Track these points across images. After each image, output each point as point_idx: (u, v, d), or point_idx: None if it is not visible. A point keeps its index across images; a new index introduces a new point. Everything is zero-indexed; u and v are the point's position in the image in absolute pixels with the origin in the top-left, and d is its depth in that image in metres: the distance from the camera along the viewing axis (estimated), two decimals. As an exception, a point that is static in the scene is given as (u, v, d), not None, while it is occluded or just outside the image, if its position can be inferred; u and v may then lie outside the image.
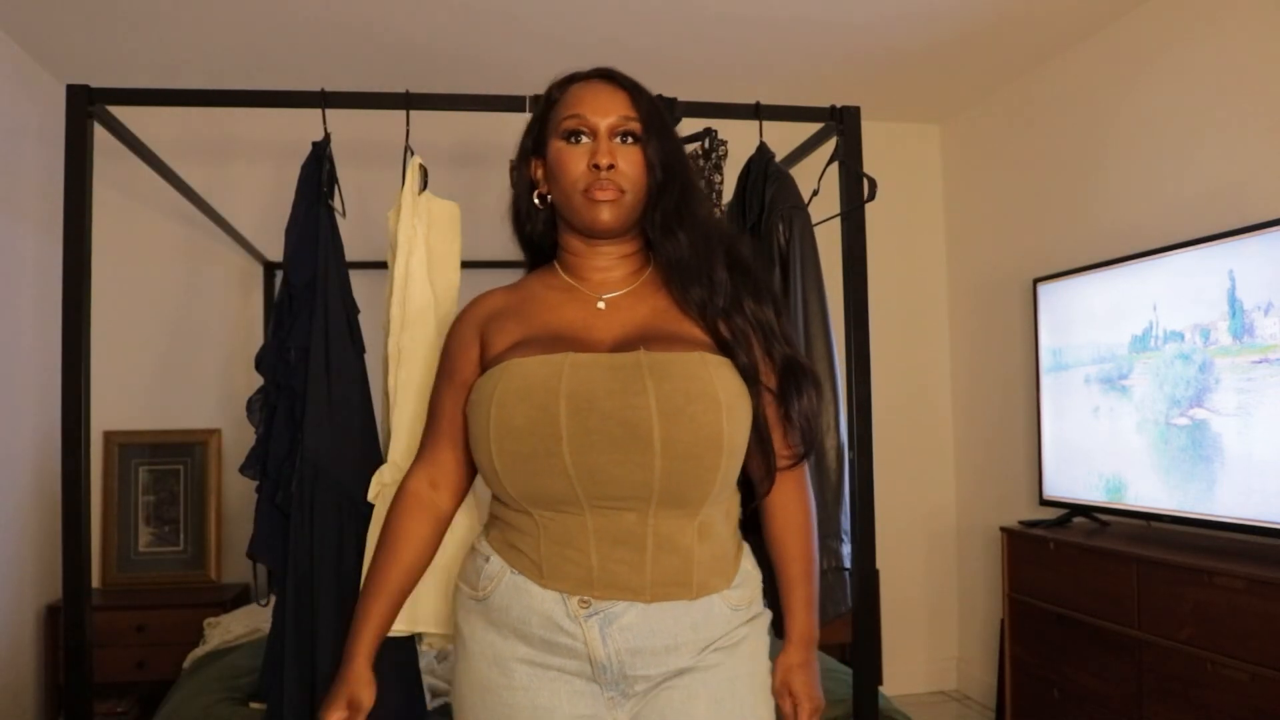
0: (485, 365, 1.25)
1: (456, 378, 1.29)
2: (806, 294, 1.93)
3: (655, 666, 1.18)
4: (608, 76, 1.30)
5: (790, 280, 1.93)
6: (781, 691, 1.29)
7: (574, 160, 1.24)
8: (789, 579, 1.31)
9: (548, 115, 1.30)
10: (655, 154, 1.26)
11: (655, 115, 1.28)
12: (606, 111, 1.25)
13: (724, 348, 1.23)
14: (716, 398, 1.16)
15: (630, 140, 1.25)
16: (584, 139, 1.25)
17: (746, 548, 1.31)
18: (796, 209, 1.97)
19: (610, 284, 1.30)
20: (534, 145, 1.33)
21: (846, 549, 1.70)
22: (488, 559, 1.23)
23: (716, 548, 1.22)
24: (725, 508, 1.26)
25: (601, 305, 1.27)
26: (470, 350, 1.29)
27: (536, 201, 1.32)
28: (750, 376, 1.22)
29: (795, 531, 1.32)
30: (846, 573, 1.69)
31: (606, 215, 1.23)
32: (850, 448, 1.97)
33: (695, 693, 1.19)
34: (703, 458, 1.15)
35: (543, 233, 1.34)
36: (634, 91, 1.28)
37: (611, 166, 1.22)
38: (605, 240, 1.28)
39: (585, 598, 1.16)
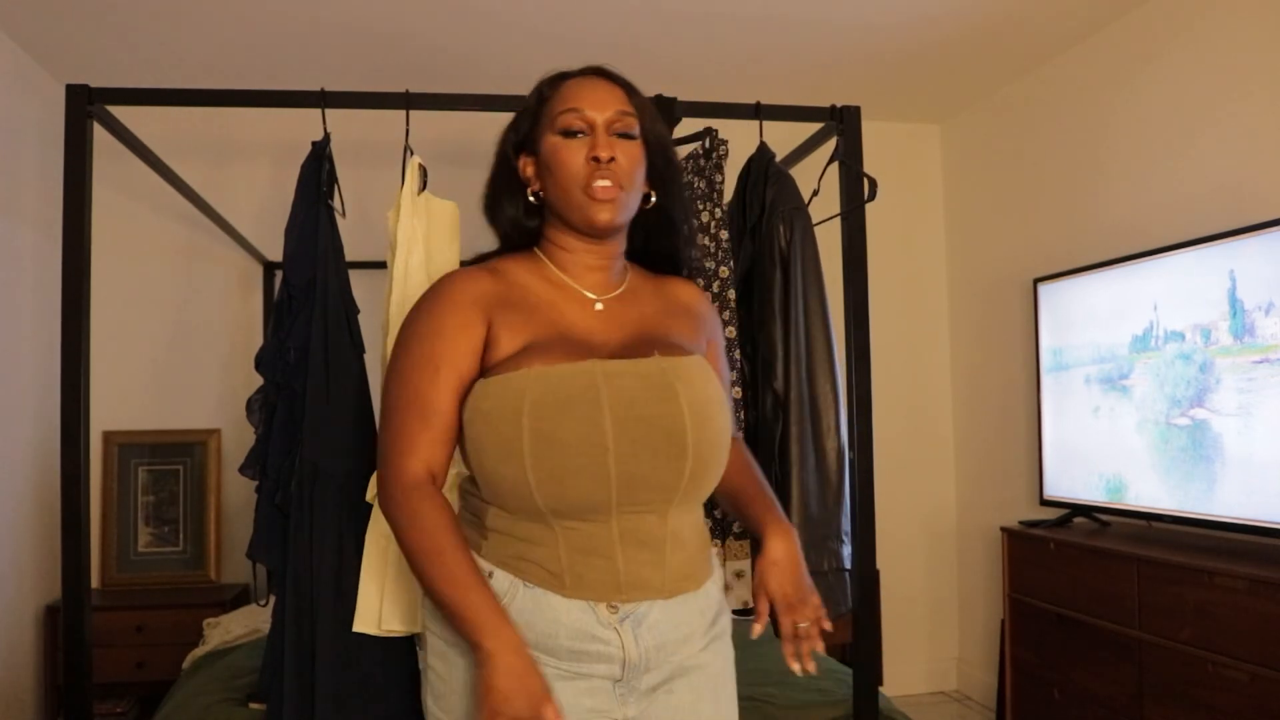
0: (490, 361, 1.19)
1: (452, 368, 1.19)
2: (807, 295, 1.93)
3: (672, 658, 1.20)
4: (601, 73, 1.28)
5: (791, 281, 1.93)
6: (758, 591, 1.27)
7: (572, 155, 1.21)
8: (748, 498, 1.36)
9: (540, 111, 1.27)
10: (655, 150, 1.28)
11: (650, 112, 1.29)
12: (604, 106, 1.23)
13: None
14: (722, 399, 1.24)
15: (627, 136, 1.24)
16: (581, 135, 1.22)
17: None
18: (797, 210, 1.97)
19: (602, 285, 1.29)
20: (523, 142, 1.29)
21: (847, 550, 1.71)
22: (490, 574, 1.16)
23: (701, 537, 1.28)
24: None
25: (599, 307, 1.27)
26: (473, 336, 1.20)
27: (532, 199, 1.29)
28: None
29: (736, 466, 1.38)
30: (847, 574, 1.69)
31: (606, 215, 1.21)
32: (850, 448, 1.98)
33: (700, 693, 1.23)
34: (718, 456, 1.22)
35: (516, 219, 1.31)
36: (629, 88, 1.28)
37: (612, 159, 1.21)
38: (599, 240, 1.26)
39: (613, 603, 1.16)
